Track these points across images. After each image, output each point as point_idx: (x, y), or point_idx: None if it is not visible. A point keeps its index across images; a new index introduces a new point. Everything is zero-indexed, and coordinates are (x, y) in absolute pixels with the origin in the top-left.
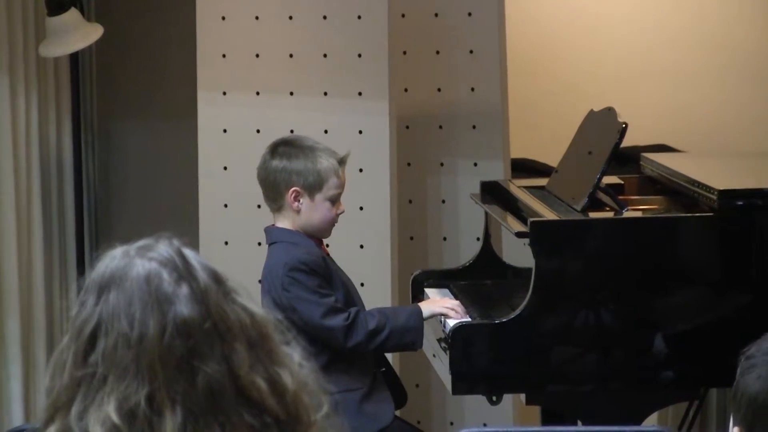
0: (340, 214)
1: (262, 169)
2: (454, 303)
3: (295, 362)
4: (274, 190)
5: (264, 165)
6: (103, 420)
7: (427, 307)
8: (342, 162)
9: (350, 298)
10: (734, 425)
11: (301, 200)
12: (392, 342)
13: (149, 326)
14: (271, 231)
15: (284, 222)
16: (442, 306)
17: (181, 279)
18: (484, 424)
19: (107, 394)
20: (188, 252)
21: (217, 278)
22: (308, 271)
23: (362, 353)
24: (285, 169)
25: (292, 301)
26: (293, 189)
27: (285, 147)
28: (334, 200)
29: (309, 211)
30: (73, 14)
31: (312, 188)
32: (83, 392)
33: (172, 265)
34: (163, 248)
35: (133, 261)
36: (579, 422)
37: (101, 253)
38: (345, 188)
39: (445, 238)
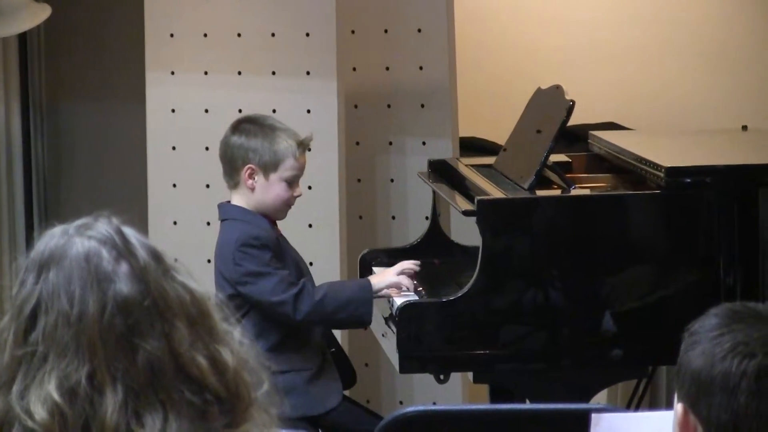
0: (297, 197)
1: (223, 145)
2: (404, 266)
3: (236, 340)
4: (230, 166)
5: (224, 141)
6: (44, 398)
7: (377, 281)
8: (302, 145)
9: (302, 277)
10: (678, 401)
11: (256, 178)
12: (341, 315)
13: (89, 304)
14: (224, 207)
15: (239, 199)
16: (392, 275)
17: (120, 257)
18: (434, 403)
19: (48, 373)
20: (127, 230)
21: (156, 256)
22: (259, 246)
23: (311, 329)
24: (242, 145)
25: (243, 276)
26: (248, 166)
27: (247, 124)
28: (291, 182)
29: (263, 190)
30: None
31: (267, 167)
32: (24, 371)
33: (111, 243)
34: (102, 226)
35: (72, 240)
36: (527, 400)
37: (41, 232)
38: None
39: (393, 217)
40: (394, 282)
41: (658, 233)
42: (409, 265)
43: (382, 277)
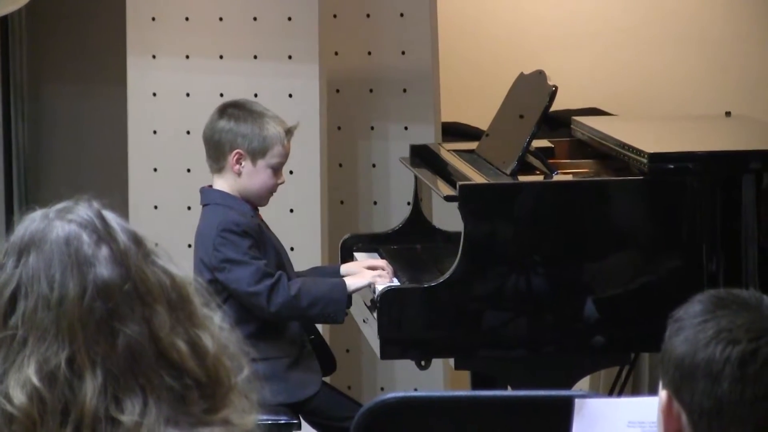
0: (280, 184)
1: (209, 128)
2: (381, 264)
3: (216, 325)
4: (217, 150)
5: (211, 124)
6: (24, 382)
7: (352, 282)
8: (289, 132)
9: (282, 266)
10: (662, 388)
11: (243, 163)
12: (314, 311)
13: (69, 288)
14: (206, 192)
15: (223, 184)
16: (368, 277)
17: (100, 241)
18: (415, 389)
19: (27, 357)
20: (108, 214)
21: (136, 240)
22: (240, 232)
23: (287, 320)
24: (231, 130)
25: (221, 262)
26: (236, 151)
27: (234, 109)
28: (276, 169)
29: (249, 176)
30: None
31: (255, 153)
32: (3, 355)
33: (92, 227)
34: (83, 210)
35: (53, 223)
36: (509, 387)
37: (22, 216)
38: None
39: (375, 202)
40: (369, 285)
41: (641, 219)
42: (383, 266)
43: (357, 278)
